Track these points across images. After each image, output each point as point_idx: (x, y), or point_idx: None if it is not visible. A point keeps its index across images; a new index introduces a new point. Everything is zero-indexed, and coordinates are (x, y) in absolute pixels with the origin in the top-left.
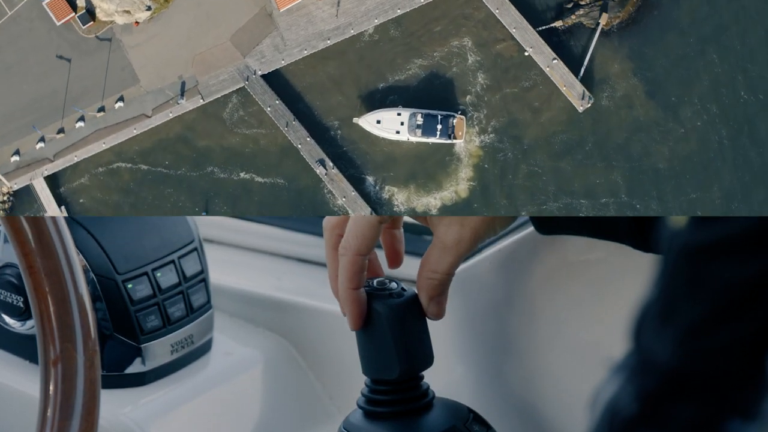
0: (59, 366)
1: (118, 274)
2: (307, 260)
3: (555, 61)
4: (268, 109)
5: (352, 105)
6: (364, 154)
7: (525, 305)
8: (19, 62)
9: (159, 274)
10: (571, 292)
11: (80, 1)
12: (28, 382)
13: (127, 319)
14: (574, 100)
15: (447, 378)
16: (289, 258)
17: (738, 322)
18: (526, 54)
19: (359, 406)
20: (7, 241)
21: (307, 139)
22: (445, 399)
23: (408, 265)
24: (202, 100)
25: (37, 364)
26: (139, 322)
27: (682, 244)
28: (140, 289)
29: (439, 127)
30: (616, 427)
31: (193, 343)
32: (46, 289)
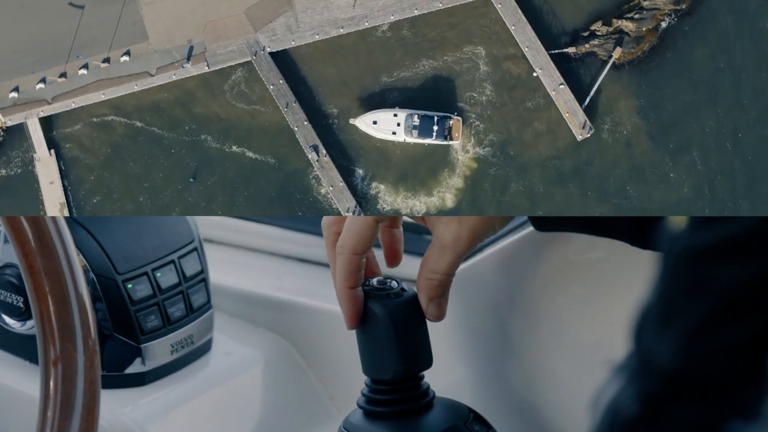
0: (59, 366)
1: (118, 274)
2: (308, 260)
3: (562, 87)
4: (271, 87)
5: (354, 96)
6: (358, 147)
7: (526, 305)
8: (33, 1)
9: (159, 274)
10: (573, 291)
11: None
12: (28, 382)
13: (127, 319)
14: (574, 128)
15: (447, 378)
16: (289, 258)
17: (739, 323)
18: (535, 75)
19: (359, 406)
20: (7, 241)
21: (305, 123)
22: (446, 399)
23: (413, 266)
24: (207, 68)
25: (37, 364)
26: (139, 322)
27: (682, 247)
28: (140, 289)
29: (436, 128)
30: (617, 429)
31: (193, 343)
32: (46, 290)
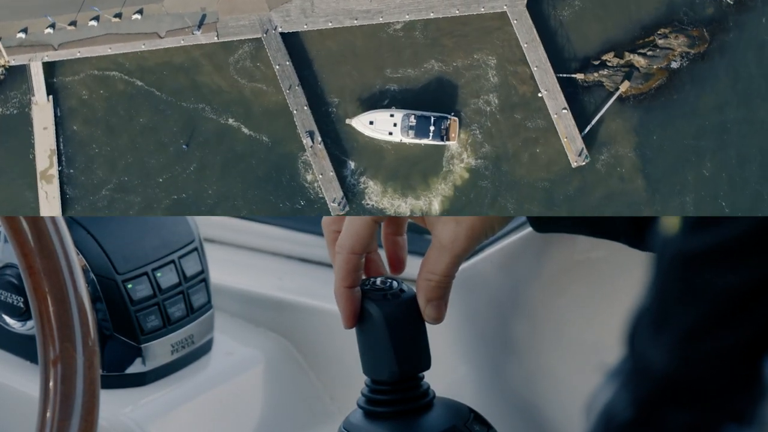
0: (59, 366)
1: (118, 274)
2: (309, 260)
3: (564, 111)
4: (277, 67)
5: (358, 88)
6: (354, 140)
7: (527, 305)
8: None
9: (159, 274)
10: (574, 291)
11: None
12: (28, 382)
13: (127, 319)
14: (571, 154)
15: (448, 378)
16: (290, 258)
17: (733, 327)
18: (540, 95)
19: (359, 406)
20: (7, 241)
21: (305, 107)
22: (446, 399)
23: (415, 266)
24: (216, 38)
25: (37, 364)
26: (139, 322)
27: (675, 250)
28: (140, 289)
29: (432, 128)
30: None
31: (194, 343)
32: (46, 290)
